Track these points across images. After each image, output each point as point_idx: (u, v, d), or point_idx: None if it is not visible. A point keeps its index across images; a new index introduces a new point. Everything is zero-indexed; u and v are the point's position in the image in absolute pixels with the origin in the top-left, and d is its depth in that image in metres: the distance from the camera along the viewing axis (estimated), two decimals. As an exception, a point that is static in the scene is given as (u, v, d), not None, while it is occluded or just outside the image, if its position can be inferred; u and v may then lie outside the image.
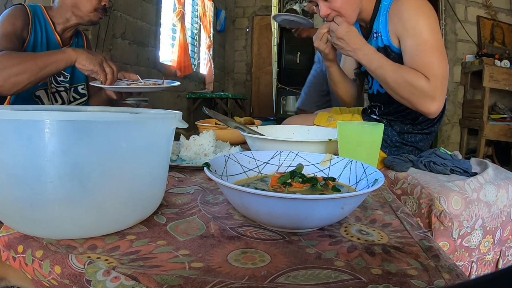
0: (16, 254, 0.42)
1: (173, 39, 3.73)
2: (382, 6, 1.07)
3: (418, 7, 0.98)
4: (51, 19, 1.24)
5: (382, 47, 1.08)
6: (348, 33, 1.00)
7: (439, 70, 0.94)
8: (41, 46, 1.20)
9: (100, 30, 2.42)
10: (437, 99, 0.95)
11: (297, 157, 0.66)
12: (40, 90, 1.23)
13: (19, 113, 0.36)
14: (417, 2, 0.99)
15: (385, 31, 1.06)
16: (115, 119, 0.40)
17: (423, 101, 0.95)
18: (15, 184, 0.39)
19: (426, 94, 0.94)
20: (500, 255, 0.96)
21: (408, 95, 0.97)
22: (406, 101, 0.99)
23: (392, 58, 1.05)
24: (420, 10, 0.98)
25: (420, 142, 1.16)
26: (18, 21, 1.12)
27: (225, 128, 1.12)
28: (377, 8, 1.08)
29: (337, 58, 1.19)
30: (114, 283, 0.35)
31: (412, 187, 0.93)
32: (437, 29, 0.98)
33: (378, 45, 1.09)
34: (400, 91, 0.97)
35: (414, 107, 0.98)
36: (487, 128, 3.08)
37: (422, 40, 0.96)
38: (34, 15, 1.19)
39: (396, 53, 1.06)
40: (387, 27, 1.05)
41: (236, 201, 0.47)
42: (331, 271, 0.37)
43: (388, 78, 0.98)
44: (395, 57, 1.05)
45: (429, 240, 0.45)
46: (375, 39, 1.10)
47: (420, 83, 0.94)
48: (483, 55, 3.21)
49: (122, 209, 0.44)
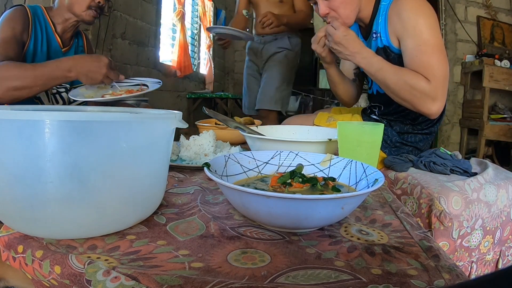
0: (16, 254, 0.42)
1: (173, 39, 3.73)
2: (382, 6, 1.06)
3: (417, 7, 0.98)
4: (51, 19, 1.23)
5: (382, 48, 1.08)
6: (345, 37, 0.99)
7: (439, 71, 0.94)
8: (42, 48, 1.19)
9: (100, 30, 2.42)
10: (438, 100, 0.95)
11: (297, 157, 0.66)
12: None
13: (19, 113, 0.36)
14: (416, 2, 0.98)
15: (384, 31, 1.06)
16: (115, 119, 0.40)
17: (424, 102, 0.95)
18: (15, 184, 0.39)
19: (427, 95, 0.94)
20: (500, 255, 0.96)
21: (409, 97, 0.96)
22: (407, 103, 0.98)
23: (391, 59, 1.05)
24: (419, 10, 0.97)
25: (420, 142, 1.16)
26: (18, 24, 1.11)
27: (225, 128, 1.12)
28: (376, 8, 1.08)
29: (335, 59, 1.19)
30: (114, 283, 0.35)
31: (412, 187, 0.93)
32: (437, 28, 0.98)
33: (378, 45, 1.09)
34: (401, 93, 0.97)
35: (416, 108, 0.98)
36: (487, 128, 3.08)
37: (422, 40, 0.95)
38: (35, 16, 1.18)
39: (395, 54, 1.05)
40: (386, 28, 1.05)
41: (236, 201, 0.47)
42: (331, 271, 0.37)
43: (388, 80, 0.98)
44: (394, 57, 1.05)
45: (429, 240, 0.45)
46: (375, 40, 1.10)
47: (420, 84, 0.94)
48: (483, 55, 3.21)
49: (122, 209, 0.44)
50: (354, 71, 1.32)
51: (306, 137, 1.02)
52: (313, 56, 3.79)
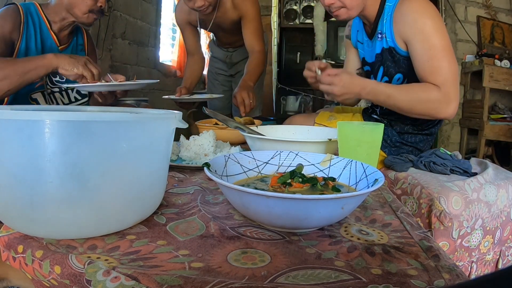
0: (16, 254, 0.42)
1: (173, 39, 3.73)
2: (387, 7, 1.06)
3: (423, 10, 0.98)
4: (47, 17, 1.19)
5: (387, 48, 1.08)
6: (343, 86, 0.98)
7: (449, 72, 0.95)
8: (36, 47, 1.16)
9: (100, 30, 2.42)
10: (452, 101, 0.96)
11: (297, 157, 0.66)
12: (37, 93, 1.20)
13: (19, 113, 0.36)
14: (421, 4, 0.99)
15: (390, 32, 1.06)
16: (115, 119, 0.40)
17: (440, 110, 0.96)
18: (15, 184, 0.39)
19: (440, 102, 0.95)
20: (500, 255, 0.96)
21: (425, 110, 0.97)
22: (424, 116, 0.99)
23: (397, 60, 1.05)
24: (425, 12, 0.98)
25: (420, 143, 1.16)
26: (6, 23, 1.09)
27: (225, 128, 1.12)
28: (382, 8, 1.08)
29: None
30: (114, 283, 0.35)
31: (412, 187, 0.93)
32: (443, 29, 0.99)
33: (383, 46, 1.09)
34: (416, 110, 0.98)
35: (433, 117, 0.99)
36: (487, 128, 3.08)
37: (430, 44, 0.96)
38: (27, 15, 1.14)
39: (401, 55, 1.06)
40: (392, 29, 1.05)
41: (236, 201, 0.47)
42: (331, 271, 0.37)
43: (399, 103, 0.98)
44: (399, 59, 1.06)
45: (429, 240, 0.45)
46: (380, 40, 1.10)
47: (432, 95, 0.95)
48: (483, 55, 3.21)
49: (122, 209, 0.44)
50: (357, 71, 1.32)
51: (306, 137, 1.02)
52: (313, 56, 3.79)
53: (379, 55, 1.12)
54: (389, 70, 1.10)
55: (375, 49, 1.13)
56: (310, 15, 3.75)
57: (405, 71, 1.07)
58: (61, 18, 1.20)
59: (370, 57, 1.19)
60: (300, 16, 3.84)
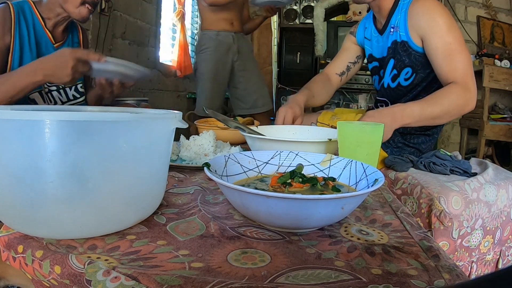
0: (16, 254, 0.42)
1: (173, 39, 3.73)
2: (401, 4, 1.10)
3: (439, 7, 1.02)
4: (41, 14, 1.16)
5: (400, 42, 1.10)
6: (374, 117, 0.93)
7: (466, 67, 1.00)
8: (30, 47, 1.14)
9: (100, 30, 2.42)
10: (472, 92, 1.00)
11: (297, 157, 0.66)
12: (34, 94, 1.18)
13: (19, 113, 0.36)
14: (433, 3, 1.03)
15: (404, 27, 1.09)
16: (115, 119, 0.40)
17: (467, 106, 1.00)
18: (15, 184, 0.39)
19: (464, 98, 0.98)
20: (500, 255, 0.96)
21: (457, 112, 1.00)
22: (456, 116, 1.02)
23: (408, 54, 1.09)
24: (438, 11, 1.02)
25: (422, 144, 1.16)
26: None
27: (225, 128, 1.12)
28: (396, 4, 1.12)
29: None
30: (114, 283, 0.35)
31: (412, 187, 0.93)
32: (455, 24, 1.03)
33: (396, 39, 1.11)
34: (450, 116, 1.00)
35: (462, 114, 1.03)
36: (487, 128, 3.08)
37: (449, 39, 1.00)
38: (19, 14, 1.11)
39: (413, 50, 1.08)
40: (406, 24, 1.08)
41: (236, 201, 0.47)
42: (331, 271, 0.37)
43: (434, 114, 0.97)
44: (411, 53, 1.09)
45: (429, 240, 0.45)
46: (391, 34, 1.12)
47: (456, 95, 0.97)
48: (483, 55, 3.21)
49: (122, 209, 0.44)
50: (349, 64, 1.34)
51: (306, 137, 1.02)
52: (313, 56, 3.79)
53: (390, 48, 1.15)
54: (399, 63, 1.13)
55: (387, 43, 1.15)
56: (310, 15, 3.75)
57: (415, 66, 1.10)
58: (55, 14, 1.17)
59: (378, 53, 1.21)
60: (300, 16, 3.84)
